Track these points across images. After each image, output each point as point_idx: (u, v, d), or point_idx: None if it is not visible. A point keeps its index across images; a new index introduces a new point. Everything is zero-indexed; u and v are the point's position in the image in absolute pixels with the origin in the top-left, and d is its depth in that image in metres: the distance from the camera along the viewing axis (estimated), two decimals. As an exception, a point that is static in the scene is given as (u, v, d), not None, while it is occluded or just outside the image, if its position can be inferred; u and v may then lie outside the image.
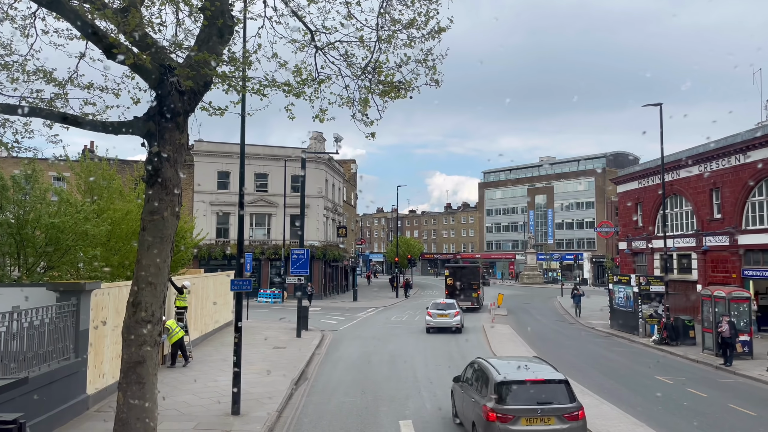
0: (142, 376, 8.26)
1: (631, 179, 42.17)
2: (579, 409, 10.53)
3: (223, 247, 49.48)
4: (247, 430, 12.21)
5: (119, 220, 19.34)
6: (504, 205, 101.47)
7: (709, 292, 24.14)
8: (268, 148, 52.60)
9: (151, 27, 8.30)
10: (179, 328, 18.51)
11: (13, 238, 15.95)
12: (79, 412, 12.54)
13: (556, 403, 10.47)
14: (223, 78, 8.52)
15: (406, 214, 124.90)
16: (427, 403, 15.27)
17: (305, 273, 27.79)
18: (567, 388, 10.81)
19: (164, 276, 8.59)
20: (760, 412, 15.05)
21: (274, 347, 23.19)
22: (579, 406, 10.60)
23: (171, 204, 8.55)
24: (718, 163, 31.92)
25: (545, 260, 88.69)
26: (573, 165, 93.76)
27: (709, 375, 20.38)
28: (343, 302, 50.01)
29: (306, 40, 9.55)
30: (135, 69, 8.24)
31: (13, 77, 8.96)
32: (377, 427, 13.02)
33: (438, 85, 9.27)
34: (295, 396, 15.89)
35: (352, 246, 71.25)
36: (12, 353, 10.29)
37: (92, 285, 12.93)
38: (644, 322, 28.90)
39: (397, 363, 21.16)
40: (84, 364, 12.83)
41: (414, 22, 9.05)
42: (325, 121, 9.34)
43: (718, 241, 31.60)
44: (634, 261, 41.58)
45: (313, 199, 50.83)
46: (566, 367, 20.50)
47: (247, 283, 14.49)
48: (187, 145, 9.20)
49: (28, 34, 8.98)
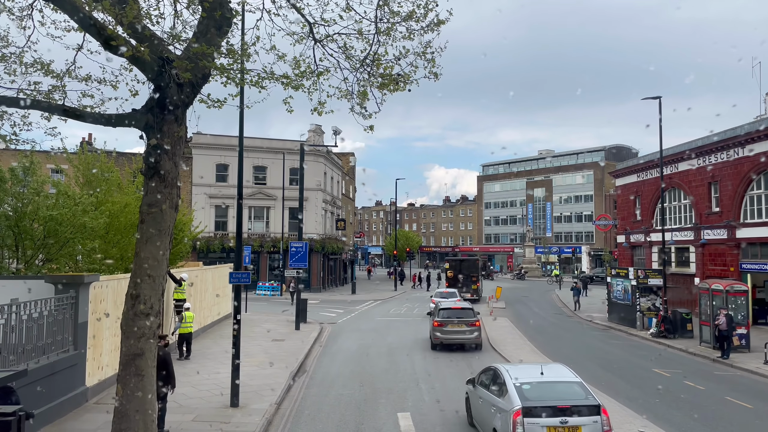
0: (142, 369, 8.28)
1: (629, 172, 42.18)
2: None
3: (221, 239, 49.47)
4: (246, 422, 12.26)
5: (118, 212, 19.32)
6: (503, 198, 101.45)
7: (707, 286, 24.20)
8: (267, 141, 52.51)
9: (149, 19, 8.26)
10: (192, 323, 18.66)
11: (12, 231, 15.95)
12: (78, 404, 12.58)
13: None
14: (221, 70, 8.49)
15: (405, 207, 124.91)
16: (425, 395, 15.33)
17: (304, 266, 27.83)
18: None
19: (163, 268, 8.59)
20: (756, 405, 15.13)
21: (273, 340, 23.25)
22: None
23: (170, 196, 8.54)
24: (716, 156, 31.92)
25: (543, 253, 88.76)
26: (572, 158, 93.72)
27: (706, 368, 20.46)
28: (341, 295, 50.09)
29: (304, 33, 9.50)
30: (133, 61, 8.20)
31: (10, 69, 8.92)
32: (375, 419, 13.08)
33: (437, 77, 9.24)
34: (294, 388, 15.95)
35: (350, 239, 71.33)
36: (11, 346, 10.31)
37: (91, 277, 12.94)
38: (642, 315, 28.99)
39: (396, 355, 21.23)
40: (83, 356, 12.86)
41: (413, 14, 9.01)
42: (324, 114, 9.30)
43: (716, 234, 31.66)
44: (632, 254, 41.66)
45: (311, 192, 50.79)
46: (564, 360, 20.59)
47: (245, 275, 14.51)
48: (186, 137, 9.18)
49: (25, 25, 8.92)
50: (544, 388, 10.35)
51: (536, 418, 9.57)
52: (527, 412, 9.63)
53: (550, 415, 9.62)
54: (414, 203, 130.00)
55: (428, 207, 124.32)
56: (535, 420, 9.55)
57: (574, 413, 9.67)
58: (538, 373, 10.79)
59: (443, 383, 16.53)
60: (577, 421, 9.57)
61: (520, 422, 9.53)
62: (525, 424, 9.51)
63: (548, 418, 9.58)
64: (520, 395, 9.97)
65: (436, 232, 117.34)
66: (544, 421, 9.56)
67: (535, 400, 9.89)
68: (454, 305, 23.87)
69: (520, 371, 11.06)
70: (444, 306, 23.73)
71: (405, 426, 12.53)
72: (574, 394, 10.16)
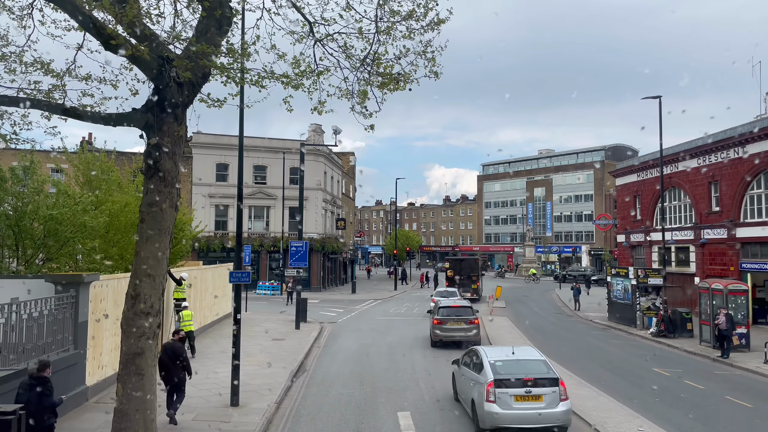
0: (142, 368, 8.29)
1: (629, 172, 42.16)
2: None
3: (221, 239, 49.44)
4: (246, 421, 12.26)
5: (118, 212, 19.31)
6: (503, 197, 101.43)
7: (707, 285, 24.19)
8: (267, 141, 52.48)
9: (149, 18, 8.26)
10: (191, 321, 18.65)
11: (12, 230, 15.94)
12: (78, 403, 12.58)
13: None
14: (221, 70, 8.49)
15: (405, 207, 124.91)
16: (425, 394, 15.33)
17: (304, 265, 27.84)
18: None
19: (163, 268, 8.60)
20: (756, 404, 15.13)
21: (273, 339, 23.25)
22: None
23: (170, 196, 8.55)
24: (716, 156, 31.92)
25: (543, 253, 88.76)
26: (572, 158, 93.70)
27: (706, 367, 20.46)
28: (341, 294, 50.09)
29: (304, 32, 9.50)
30: (133, 60, 8.20)
31: (10, 68, 8.92)
32: (375, 419, 13.08)
33: (437, 77, 9.24)
34: (293, 388, 15.95)
35: (350, 238, 71.31)
36: (11, 345, 10.31)
37: (91, 277, 12.93)
38: (642, 315, 28.99)
39: (396, 355, 21.23)
40: (83, 355, 12.86)
41: (413, 13, 9.01)
42: (324, 113, 9.31)
43: (716, 234, 31.65)
44: (632, 254, 41.66)
45: (311, 191, 50.78)
46: (564, 360, 20.64)
47: (245, 275, 14.51)
48: (186, 137, 9.18)
49: (25, 25, 8.92)
50: (514, 365, 12.23)
51: (505, 389, 11.49)
52: (498, 383, 11.53)
53: (517, 386, 11.53)
54: (414, 203, 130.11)
55: (428, 206, 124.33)
56: (504, 390, 11.48)
57: (537, 385, 11.55)
58: (510, 353, 12.85)
59: (443, 382, 16.52)
60: (539, 391, 11.49)
61: (492, 392, 11.48)
62: (496, 393, 11.46)
63: (515, 389, 11.50)
64: (493, 370, 11.87)
65: (436, 232, 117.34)
66: (512, 390, 11.49)
67: (505, 374, 11.77)
68: (453, 303, 24.26)
69: (495, 352, 13.19)
70: (443, 304, 24.05)
71: (405, 425, 12.54)
72: (538, 369, 12.03)
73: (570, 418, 11.85)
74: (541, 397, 11.46)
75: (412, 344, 23.66)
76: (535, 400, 11.43)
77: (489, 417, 11.42)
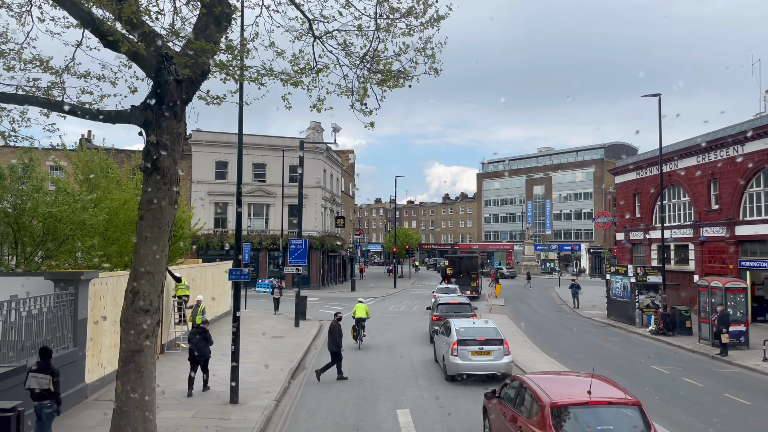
0: (141, 365, 8.28)
1: (629, 170, 42.16)
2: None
3: (221, 237, 49.45)
4: (245, 418, 12.26)
5: (117, 209, 19.30)
6: (502, 195, 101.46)
7: (706, 283, 24.20)
8: (267, 138, 52.46)
9: (148, 15, 8.23)
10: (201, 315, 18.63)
11: (11, 228, 15.92)
12: (78, 400, 12.58)
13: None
14: (220, 67, 8.47)
15: (405, 205, 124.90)
16: (424, 392, 15.34)
17: (303, 263, 27.81)
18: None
19: (162, 265, 8.59)
20: (755, 402, 15.15)
21: (273, 337, 23.25)
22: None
23: (168, 193, 8.53)
24: (716, 154, 31.91)
25: (543, 251, 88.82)
26: (571, 156, 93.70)
27: (705, 365, 20.48)
28: (341, 292, 50.08)
29: (304, 29, 9.48)
30: (132, 57, 8.19)
31: (9, 65, 8.90)
32: (375, 416, 13.08)
33: (437, 73, 9.22)
34: (293, 385, 15.96)
35: (350, 236, 71.32)
36: (10, 342, 10.30)
37: (90, 274, 12.93)
38: (641, 313, 29.01)
39: (395, 353, 21.24)
40: (82, 353, 12.85)
41: (413, 10, 8.98)
42: (323, 110, 9.30)
43: (715, 232, 31.66)
44: (631, 251, 41.67)
45: (311, 189, 50.77)
46: (563, 357, 20.68)
47: (245, 273, 14.50)
48: (185, 134, 9.16)
49: (24, 21, 8.90)
50: (473, 331, 16.87)
51: (465, 346, 16.10)
52: (461, 342, 16.18)
53: (473, 345, 16.15)
54: (414, 201, 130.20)
55: (428, 204, 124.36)
56: (464, 347, 16.08)
57: (488, 343, 16.23)
58: (471, 323, 17.89)
59: (442, 380, 16.56)
60: (488, 348, 16.18)
61: (456, 349, 16.10)
62: (459, 350, 16.05)
63: (472, 346, 16.12)
64: (457, 334, 16.53)
65: (435, 230, 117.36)
66: (470, 347, 16.09)
67: (466, 336, 16.40)
68: (452, 300, 24.92)
69: (461, 323, 17.68)
70: (443, 301, 24.42)
71: (404, 422, 12.54)
72: (490, 333, 16.73)
73: (512, 367, 16.33)
74: (490, 352, 16.08)
75: (412, 341, 23.67)
76: (486, 354, 16.04)
77: (453, 366, 16.01)
